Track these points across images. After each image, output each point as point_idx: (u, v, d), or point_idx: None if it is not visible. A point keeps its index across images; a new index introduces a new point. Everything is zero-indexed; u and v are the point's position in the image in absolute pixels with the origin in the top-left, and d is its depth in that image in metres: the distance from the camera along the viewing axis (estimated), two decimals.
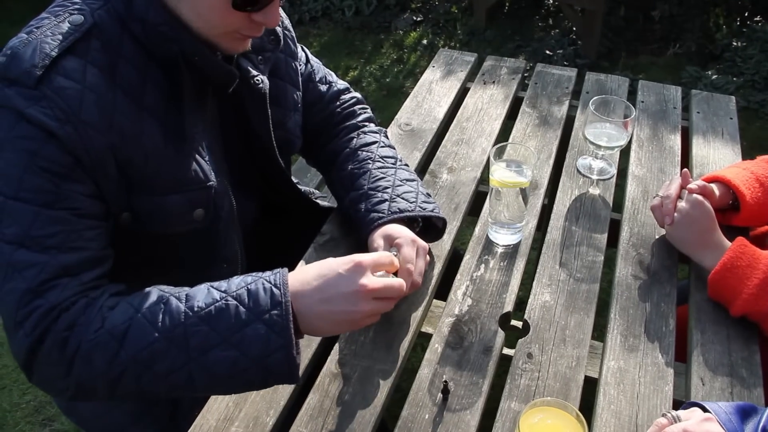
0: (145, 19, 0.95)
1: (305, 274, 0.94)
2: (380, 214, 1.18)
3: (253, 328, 0.88)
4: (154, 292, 0.93)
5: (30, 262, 0.89)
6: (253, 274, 0.95)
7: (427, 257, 1.17)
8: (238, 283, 0.93)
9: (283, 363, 0.89)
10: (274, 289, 0.91)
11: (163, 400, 1.21)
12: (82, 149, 0.91)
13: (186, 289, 0.94)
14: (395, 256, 1.07)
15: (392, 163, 1.29)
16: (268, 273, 0.94)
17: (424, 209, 1.20)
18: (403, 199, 1.21)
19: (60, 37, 0.92)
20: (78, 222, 0.93)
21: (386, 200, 1.20)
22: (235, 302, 0.90)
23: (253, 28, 1.01)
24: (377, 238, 1.14)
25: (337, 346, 1.10)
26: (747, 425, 0.88)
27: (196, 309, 0.90)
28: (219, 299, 0.90)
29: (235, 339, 0.88)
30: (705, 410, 0.90)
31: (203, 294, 0.92)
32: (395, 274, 1.04)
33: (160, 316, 0.90)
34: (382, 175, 1.25)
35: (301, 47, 1.34)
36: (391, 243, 1.13)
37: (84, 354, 0.89)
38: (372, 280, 0.93)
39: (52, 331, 0.89)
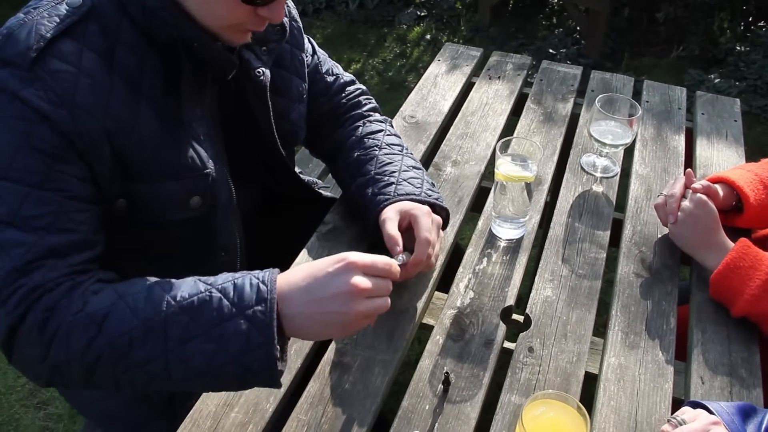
0: (145, 3, 0.94)
1: (294, 276, 0.90)
2: (386, 196, 1.18)
3: (234, 322, 0.85)
4: (141, 281, 0.92)
5: (17, 242, 0.88)
6: (245, 271, 0.92)
7: (441, 233, 1.17)
8: (225, 277, 0.90)
9: (263, 362, 0.85)
10: (261, 285, 0.87)
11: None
12: (76, 133, 0.90)
13: (174, 280, 0.91)
14: (404, 260, 1.06)
15: (399, 150, 1.29)
16: (257, 271, 0.91)
17: (429, 196, 1.20)
18: (409, 183, 1.21)
19: (57, 19, 0.91)
20: (68, 204, 0.91)
21: (393, 183, 1.20)
22: (219, 295, 0.87)
23: (258, 22, 1.00)
24: (388, 211, 1.14)
25: None
26: (748, 426, 0.88)
27: (179, 299, 0.87)
28: (203, 290, 0.88)
29: (215, 333, 0.85)
30: (707, 410, 0.90)
31: (189, 285, 0.89)
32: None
33: (142, 303, 0.87)
34: (389, 161, 1.25)
35: (308, 39, 1.33)
36: (404, 216, 1.12)
37: (62, 335, 0.86)
38: (364, 280, 0.88)
39: (33, 310, 0.87)
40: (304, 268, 0.91)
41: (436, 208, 1.23)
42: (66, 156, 0.90)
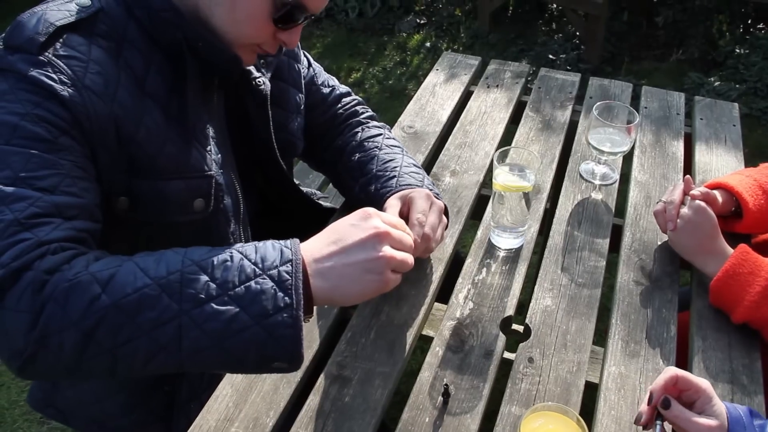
0: (150, 5, 0.96)
1: (316, 238, 0.91)
2: (389, 188, 1.19)
3: (258, 282, 0.81)
4: (147, 252, 0.87)
5: (20, 196, 0.82)
6: None
7: (444, 219, 1.17)
8: (242, 243, 0.88)
9: (288, 326, 0.80)
10: (284, 248, 0.85)
11: (159, 392, 1.18)
12: (84, 114, 0.89)
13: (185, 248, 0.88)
14: None
15: (399, 152, 1.30)
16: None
17: (431, 190, 1.20)
18: (410, 176, 1.22)
19: (66, 12, 0.93)
20: (73, 170, 0.88)
21: (395, 177, 1.22)
22: (240, 255, 0.83)
23: (273, 45, 1.04)
24: (390, 201, 1.15)
25: (337, 348, 1.09)
26: (756, 421, 0.88)
27: (196, 258, 0.83)
28: (223, 252, 0.84)
29: (236, 293, 0.80)
30: None
31: (204, 249, 0.86)
32: None
33: (154, 264, 0.82)
34: (390, 158, 1.27)
35: (303, 52, 1.34)
36: (404, 202, 1.13)
37: (59, 296, 0.77)
38: (383, 224, 0.90)
39: (33, 269, 0.78)
40: (324, 231, 0.92)
41: None
42: (72, 131, 0.89)
